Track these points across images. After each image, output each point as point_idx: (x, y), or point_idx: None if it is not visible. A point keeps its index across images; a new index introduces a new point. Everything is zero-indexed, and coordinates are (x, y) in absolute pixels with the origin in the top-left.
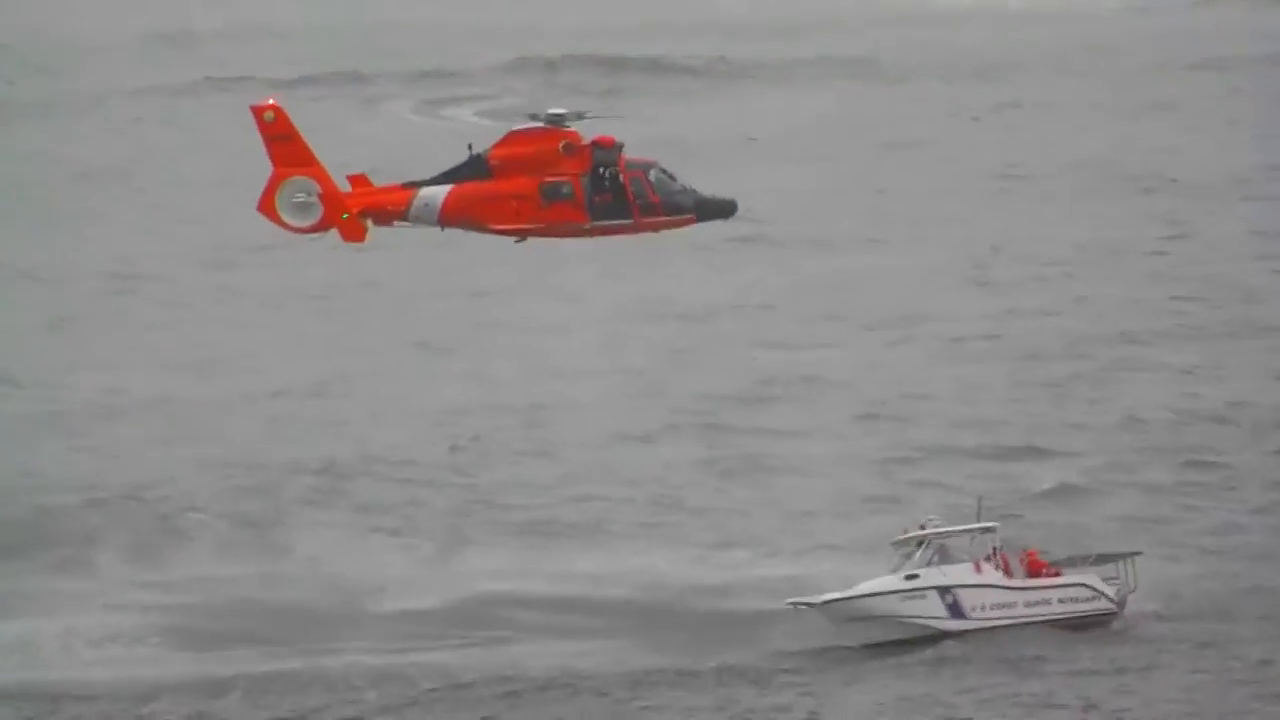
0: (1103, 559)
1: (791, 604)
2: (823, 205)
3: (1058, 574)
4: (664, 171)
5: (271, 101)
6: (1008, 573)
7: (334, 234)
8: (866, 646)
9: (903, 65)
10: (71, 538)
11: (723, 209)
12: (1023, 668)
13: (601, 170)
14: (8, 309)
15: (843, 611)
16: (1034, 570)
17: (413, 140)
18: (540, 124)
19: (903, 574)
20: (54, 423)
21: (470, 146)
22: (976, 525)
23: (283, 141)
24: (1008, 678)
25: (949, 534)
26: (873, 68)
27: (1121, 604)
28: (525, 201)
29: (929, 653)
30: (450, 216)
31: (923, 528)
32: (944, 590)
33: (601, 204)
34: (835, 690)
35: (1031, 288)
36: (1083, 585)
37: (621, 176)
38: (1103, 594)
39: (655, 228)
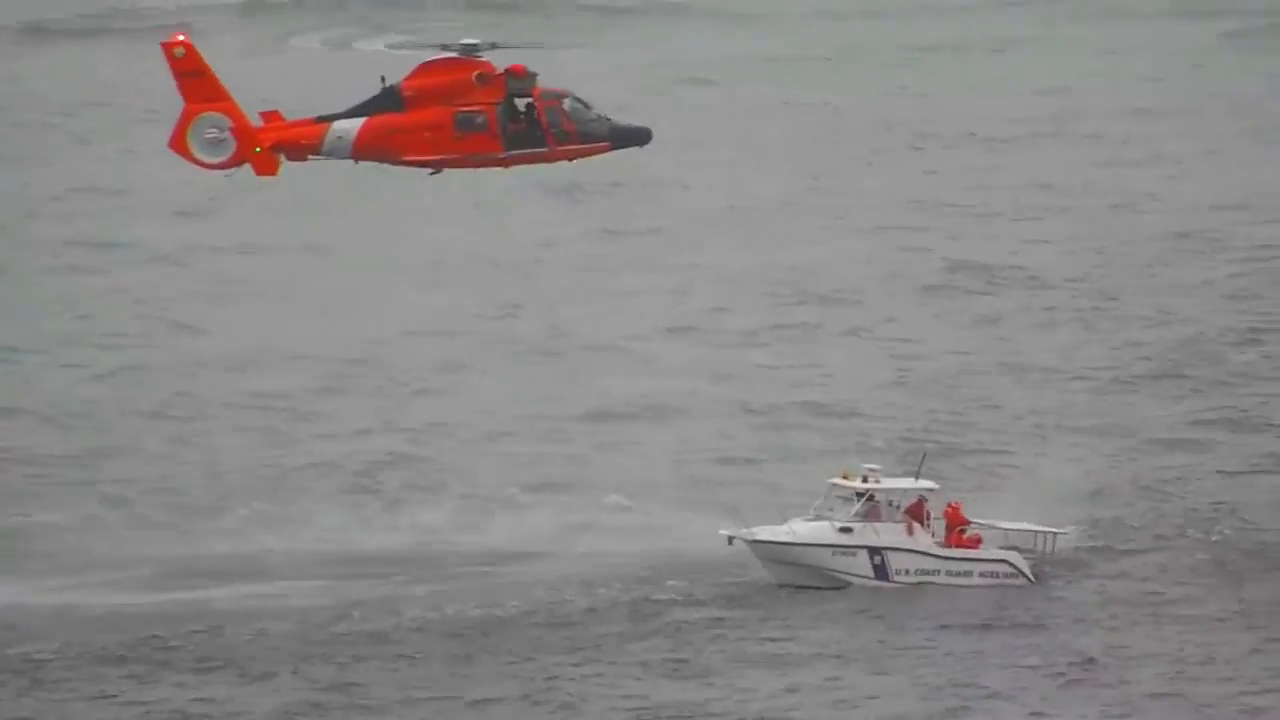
0: (1026, 534)
1: (726, 536)
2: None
3: (978, 539)
4: (579, 100)
5: (181, 37)
6: (923, 522)
7: (246, 169)
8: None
9: None
10: None
11: (637, 136)
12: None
13: (515, 100)
14: None
15: (773, 553)
16: (952, 523)
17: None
18: (453, 54)
19: (837, 525)
20: None
21: (383, 79)
22: (918, 484)
23: (194, 77)
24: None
25: (889, 491)
26: None
27: (1036, 582)
28: (439, 132)
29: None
30: (364, 149)
31: (864, 480)
32: (874, 550)
33: (516, 133)
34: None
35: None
36: (1004, 561)
37: (536, 105)
38: (1021, 571)
39: (570, 156)
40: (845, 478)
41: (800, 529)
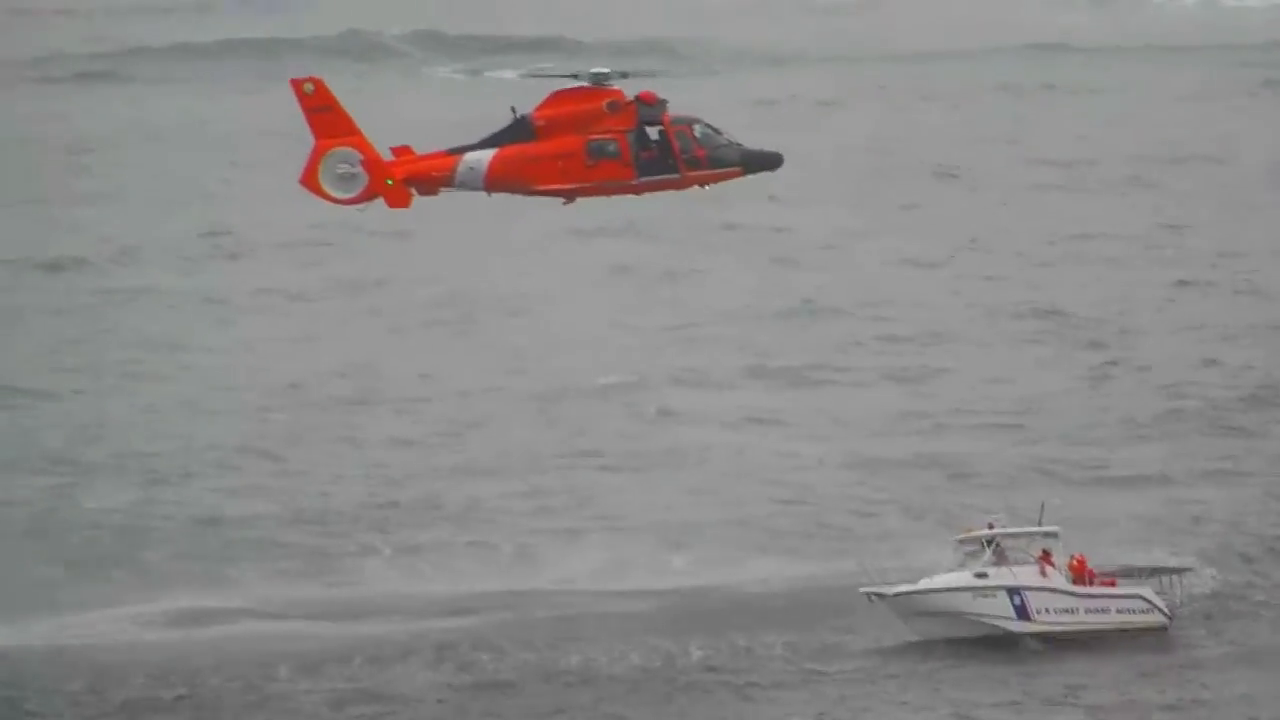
0: (1155, 572)
1: (865, 593)
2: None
3: (1110, 583)
4: (709, 126)
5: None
6: (1051, 568)
7: (379, 202)
8: (930, 642)
9: None
10: None
11: (768, 161)
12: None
13: (647, 127)
14: None
15: (913, 605)
16: (1078, 575)
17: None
18: (584, 83)
19: (973, 571)
20: None
21: (514, 109)
22: (1041, 529)
23: (323, 113)
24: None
25: (1015, 535)
26: None
27: (1172, 617)
28: (572, 161)
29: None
30: (497, 180)
31: (990, 527)
32: (1013, 591)
33: (648, 160)
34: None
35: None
36: (1139, 597)
37: (667, 131)
38: (1156, 607)
39: (702, 181)
40: (968, 532)
41: (937, 579)
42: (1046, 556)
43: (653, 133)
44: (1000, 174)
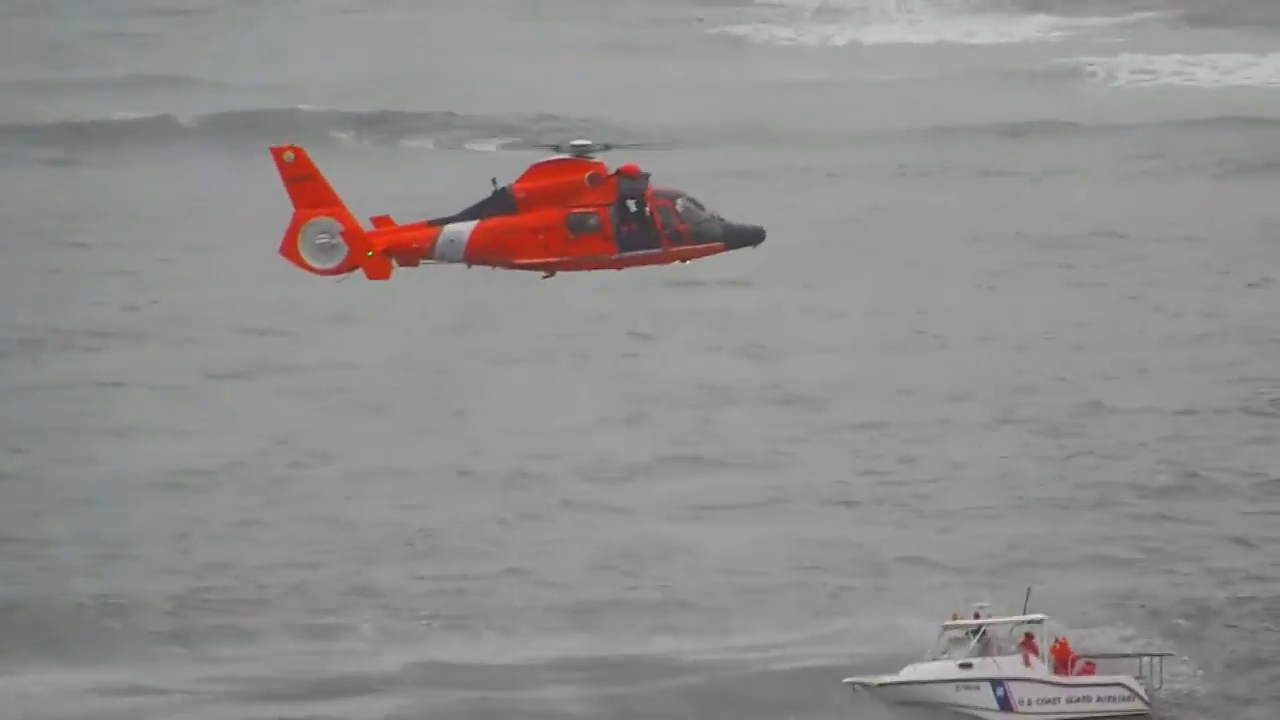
0: (1133, 656)
1: (849, 683)
2: None
3: (1089, 668)
4: (691, 200)
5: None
6: (1037, 652)
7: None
8: None
9: None
10: None
11: (751, 236)
12: None
13: (628, 200)
14: None
15: (899, 695)
16: (1061, 659)
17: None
18: (564, 155)
19: (957, 662)
20: None
21: (494, 181)
22: (1028, 617)
23: (303, 182)
24: None
25: (1003, 624)
26: None
27: (1151, 704)
28: (552, 234)
29: None
30: (476, 253)
31: (976, 616)
32: (996, 682)
33: (629, 234)
34: None
35: None
36: (1120, 685)
37: (649, 206)
38: (1137, 694)
39: (684, 257)
40: (956, 618)
41: (922, 668)
42: (1030, 642)
43: (635, 206)
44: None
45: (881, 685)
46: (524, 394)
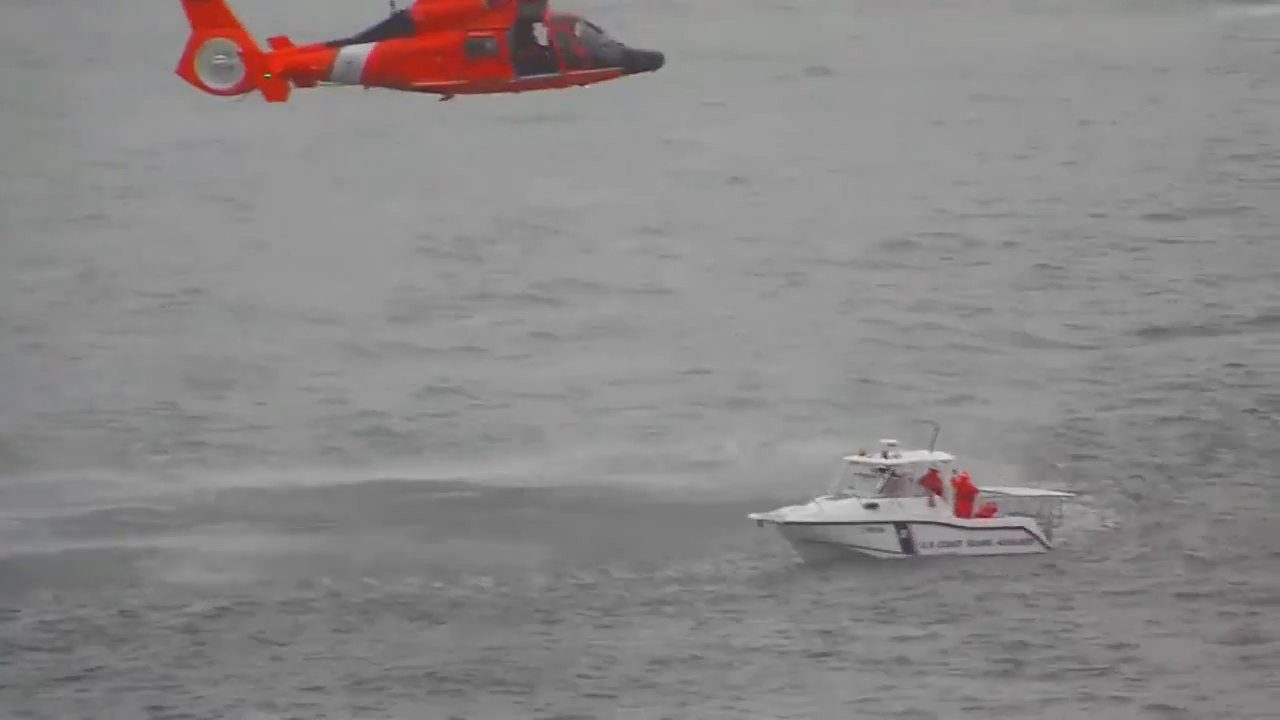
0: (1034, 499)
1: (755, 519)
2: None
3: (993, 508)
4: (590, 25)
5: None
6: (940, 492)
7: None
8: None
9: None
10: None
11: (649, 61)
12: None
13: (527, 25)
14: None
15: (802, 533)
16: (964, 493)
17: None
18: None
19: (863, 502)
20: None
21: (393, 3)
22: (935, 456)
23: (202, 4)
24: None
25: (910, 465)
26: None
27: (1051, 548)
28: (450, 58)
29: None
30: (374, 75)
31: (884, 455)
32: (900, 525)
33: (527, 59)
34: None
35: None
36: (1021, 529)
37: (547, 30)
38: (1037, 538)
39: (581, 81)
40: (863, 454)
41: (828, 508)
42: (934, 477)
43: (534, 30)
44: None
45: (787, 524)
46: None
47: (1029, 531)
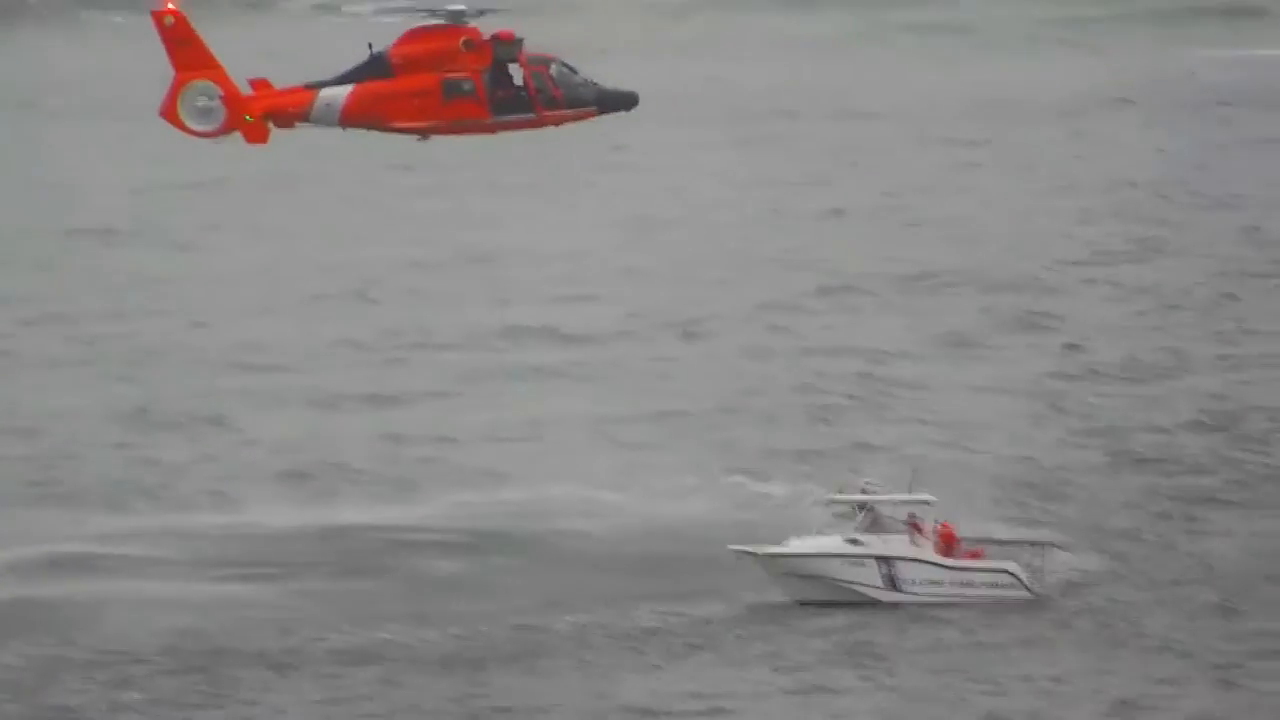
0: (1019, 545)
1: (734, 551)
2: None
3: (975, 553)
4: (565, 65)
5: (170, 5)
6: (921, 533)
7: (237, 137)
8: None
9: None
10: None
11: (624, 101)
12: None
13: (502, 65)
14: None
15: (783, 566)
16: (945, 542)
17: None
18: (440, 21)
19: (845, 536)
20: None
21: (370, 45)
22: (915, 497)
23: (183, 45)
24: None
25: (889, 503)
26: None
27: (1035, 593)
28: (427, 99)
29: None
30: (352, 116)
31: (863, 491)
32: (883, 560)
33: (503, 99)
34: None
35: None
36: (1005, 572)
37: (523, 71)
38: (1022, 582)
39: (557, 121)
40: (841, 492)
41: (810, 541)
42: (915, 522)
43: (509, 71)
44: None
45: (769, 557)
46: None
47: (1014, 576)
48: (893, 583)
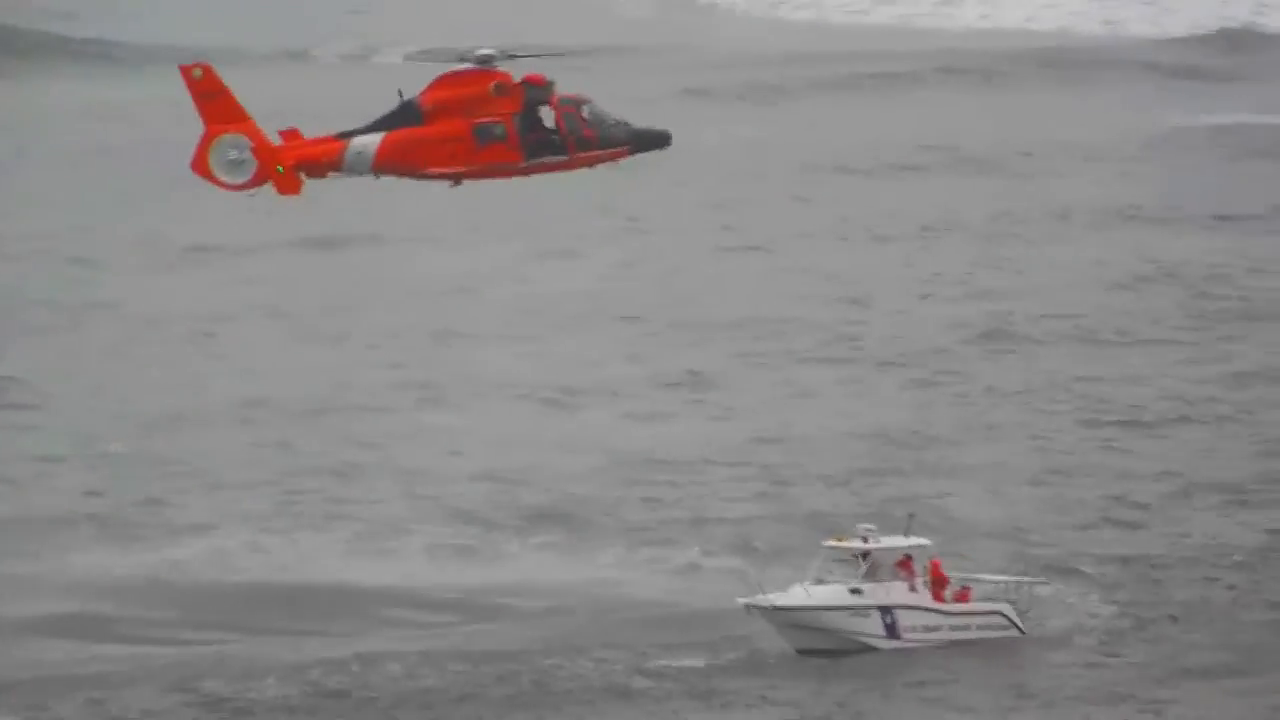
0: (1005, 583)
1: (744, 604)
2: None
3: (964, 593)
4: (597, 106)
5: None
6: (914, 577)
7: (269, 188)
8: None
9: None
10: None
11: (657, 140)
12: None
13: (534, 108)
14: None
15: (790, 619)
16: (936, 580)
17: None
18: (470, 65)
19: (848, 586)
20: None
21: (400, 92)
22: (912, 542)
23: (212, 99)
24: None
25: (889, 550)
26: None
27: (1023, 630)
28: (460, 144)
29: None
30: (385, 164)
31: (864, 540)
32: (885, 610)
33: (536, 142)
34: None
35: None
36: (998, 614)
37: (555, 113)
38: (1014, 624)
39: (590, 162)
40: (840, 540)
41: (814, 593)
42: (907, 564)
43: (541, 114)
44: None
45: (776, 609)
46: None
47: (1005, 617)
48: (894, 632)
